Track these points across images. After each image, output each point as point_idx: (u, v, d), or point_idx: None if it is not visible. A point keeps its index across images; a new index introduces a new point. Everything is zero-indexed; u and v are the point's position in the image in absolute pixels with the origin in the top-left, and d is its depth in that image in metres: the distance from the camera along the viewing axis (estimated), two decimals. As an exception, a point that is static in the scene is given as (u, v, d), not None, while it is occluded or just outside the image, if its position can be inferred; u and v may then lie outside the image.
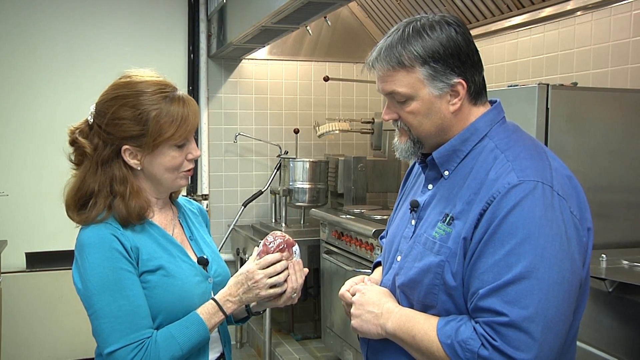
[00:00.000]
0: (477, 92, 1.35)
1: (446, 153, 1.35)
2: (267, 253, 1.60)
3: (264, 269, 1.57)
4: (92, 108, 1.56)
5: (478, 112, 1.35)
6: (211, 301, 1.56)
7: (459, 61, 1.30)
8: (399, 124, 1.37)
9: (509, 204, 1.20)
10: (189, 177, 1.62)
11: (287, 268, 1.59)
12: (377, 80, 1.36)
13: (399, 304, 1.38)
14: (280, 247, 1.60)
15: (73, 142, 1.56)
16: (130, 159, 1.52)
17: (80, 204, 1.52)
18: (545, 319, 1.16)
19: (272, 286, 1.58)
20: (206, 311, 1.54)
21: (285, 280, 1.59)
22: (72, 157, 1.58)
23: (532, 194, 1.20)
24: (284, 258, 1.60)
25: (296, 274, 1.61)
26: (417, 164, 1.53)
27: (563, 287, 1.18)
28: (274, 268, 1.57)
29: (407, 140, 1.37)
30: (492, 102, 1.39)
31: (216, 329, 1.63)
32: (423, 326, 1.28)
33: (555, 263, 1.18)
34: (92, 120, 1.55)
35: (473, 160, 1.32)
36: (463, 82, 1.31)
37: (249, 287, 1.56)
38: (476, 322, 1.21)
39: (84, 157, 1.55)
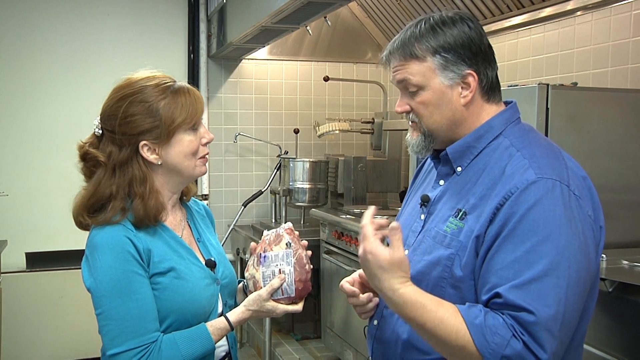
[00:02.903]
0: (490, 87, 1.36)
1: (460, 149, 1.36)
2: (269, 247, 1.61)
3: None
4: (97, 120, 1.57)
5: (491, 109, 1.36)
6: (223, 320, 1.57)
7: (470, 52, 1.32)
8: (410, 116, 1.38)
9: (529, 200, 1.20)
10: (207, 165, 1.63)
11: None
12: (392, 72, 1.38)
13: None
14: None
15: (84, 156, 1.56)
16: (149, 155, 1.53)
17: (93, 209, 1.52)
18: (563, 317, 1.16)
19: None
20: (217, 333, 1.55)
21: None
22: (83, 171, 1.58)
23: (552, 192, 1.20)
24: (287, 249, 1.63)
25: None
26: (429, 160, 1.53)
27: (579, 286, 1.19)
28: (293, 309, 1.66)
29: (419, 135, 1.39)
30: (507, 103, 1.41)
31: None
32: (438, 305, 1.21)
33: (574, 262, 1.18)
34: (100, 130, 1.56)
35: (487, 157, 1.33)
36: (474, 74, 1.32)
37: (260, 314, 1.61)
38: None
39: (96, 168, 1.55)
